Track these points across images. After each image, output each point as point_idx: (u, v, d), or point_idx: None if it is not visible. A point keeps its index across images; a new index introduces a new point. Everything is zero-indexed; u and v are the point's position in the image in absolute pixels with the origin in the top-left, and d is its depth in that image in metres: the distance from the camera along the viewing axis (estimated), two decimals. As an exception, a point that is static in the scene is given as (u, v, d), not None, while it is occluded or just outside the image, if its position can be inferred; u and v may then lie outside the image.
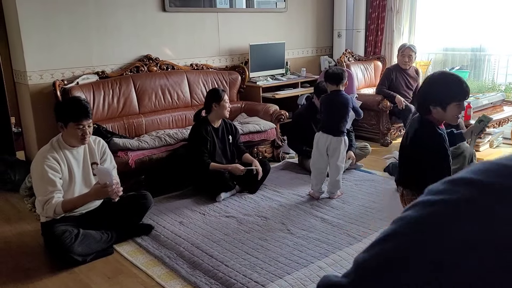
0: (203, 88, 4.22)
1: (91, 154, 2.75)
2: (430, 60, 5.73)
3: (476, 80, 5.66)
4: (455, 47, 5.95)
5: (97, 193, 2.54)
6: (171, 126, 3.95)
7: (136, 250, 2.68)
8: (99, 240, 2.63)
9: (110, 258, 2.61)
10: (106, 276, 2.42)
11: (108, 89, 3.70)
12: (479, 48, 5.67)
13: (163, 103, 3.99)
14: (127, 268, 2.50)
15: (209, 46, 4.52)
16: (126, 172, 3.19)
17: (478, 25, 5.22)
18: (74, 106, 2.61)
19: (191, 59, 4.39)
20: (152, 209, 3.04)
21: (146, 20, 4.04)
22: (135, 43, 4.00)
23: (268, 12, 4.91)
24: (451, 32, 5.55)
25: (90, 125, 2.63)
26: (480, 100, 4.38)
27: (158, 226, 2.94)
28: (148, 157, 3.41)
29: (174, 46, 4.26)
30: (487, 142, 4.57)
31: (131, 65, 3.96)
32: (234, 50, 4.70)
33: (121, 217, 2.77)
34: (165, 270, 2.44)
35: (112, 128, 3.60)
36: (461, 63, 5.77)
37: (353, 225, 2.87)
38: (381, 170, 3.93)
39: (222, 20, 4.55)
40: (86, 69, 3.77)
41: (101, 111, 3.63)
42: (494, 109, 4.44)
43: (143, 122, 3.79)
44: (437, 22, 5.49)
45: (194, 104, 4.16)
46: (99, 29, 3.79)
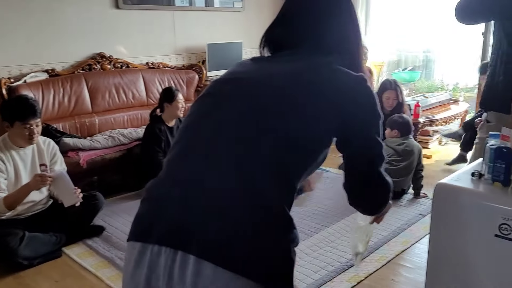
0: (159, 87, 4.17)
1: (40, 155, 2.68)
2: (383, 61, 5.92)
3: (427, 80, 5.91)
4: (407, 48, 6.18)
5: (35, 184, 2.47)
6: (126, 125, 3.88)
7: (86, 252, 2.62)
8: (47, 243, 2.56)
9: (59, 261, 2.55)
10: (54, 280, 2.36)
11: (58, 87, 3.59)
12: (429, 49, 5.92)
13: (117, 102, 3.91)
14: (75, 271, 2.45)
15: (166, 44, 4.48)
16: (78, 173, 3.10)
17: (429, 28, 5.45)
18: (21, 105, 2.53)
19: (147, 58, 4.33)
20: (104, 210, 2.99)
21: (98, 17, 3.95)
22: (87, 40, 3.90)
23: (226, 11, 4.92)
24: (404, 34, 5.76)
25: (38, 124, 2.55)
26: (429, 99, 4.57)
27: (110, 227, 2.90)
28: (101, 157, 3.34)
29: (128, 44, 4.19)
30: (436, 140, 4.78)
31: (83, 63, 3.86)
32: (191, 49, 4.68)
33: (71, 219, 2.70)
34: (116, 272, 2.40)
35: (63, 128, 3.50)
36: (414, 63, 6.01)
37: (305, 221, 2.93)
38: (335, 167, 4.02)
39: (178, 19, 4.52)
40: (34, 67, 3.64)
41: (51, 110, 3.52)
42: (442, 108, 4.64)
43: (96, 121, 3.71)
44: (391, 23, 5.68)
45: (150, 103, 4.10)
46: (49, 26, 3.67)
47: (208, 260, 0.77)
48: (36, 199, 2.65)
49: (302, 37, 0.99)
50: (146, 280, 0.83)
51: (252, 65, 1.00)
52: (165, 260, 0.81)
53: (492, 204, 1.25)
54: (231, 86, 0.96)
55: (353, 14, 1.02)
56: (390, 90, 3.67)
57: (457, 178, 1.39)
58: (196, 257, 0.77)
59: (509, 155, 1.28)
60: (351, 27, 1.01)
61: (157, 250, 0.82)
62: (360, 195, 0.99)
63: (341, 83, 0.91)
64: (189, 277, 0.78)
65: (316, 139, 0.91)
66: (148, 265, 0.83)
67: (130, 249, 0.88)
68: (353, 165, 0.97)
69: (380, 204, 1.02)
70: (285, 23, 1.02)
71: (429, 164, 4.12)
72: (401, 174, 3.29)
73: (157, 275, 0.82)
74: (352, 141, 0.93)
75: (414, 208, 3.18)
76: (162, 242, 0.81)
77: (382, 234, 2.77)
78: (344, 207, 3.17)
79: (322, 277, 2.30)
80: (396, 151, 3.34)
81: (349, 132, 0.92)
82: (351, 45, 1.01)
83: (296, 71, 0.92)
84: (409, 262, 2.49)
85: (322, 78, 0.91)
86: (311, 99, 0.89)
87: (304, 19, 0.99)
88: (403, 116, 3.48)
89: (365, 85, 0.93)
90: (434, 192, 1.38)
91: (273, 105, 0.88)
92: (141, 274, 0.84)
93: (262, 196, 0.83)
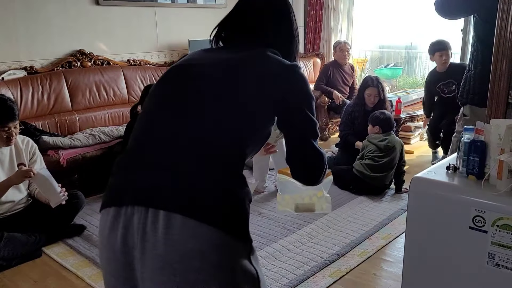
0: (140, 85, 4.13)
1: (18, 155, 2.64)
2: (366, 57, 5.97)
3: (409, 76, 5.97)
4: (390, 45, 6.24)
5: (18, 177, 2.47)
6: (107, 123, 3.83)
7: (66, 252, 2.59)
8: (26, 243, 2.52)
9: (38, 261, 2.51)
10: (33, 280, 2.33)
11: (37, 85, 3.53)
12: (411, 46, 5.99)
13: (98, 99, 3.86)
14: (55, 271, 2.41)
15: (147, 41, 4.43)
16: (58, 172, 3.05)
17: (410, 24, 5.51)
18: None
19: (128, 55, 4.28)
20: (85, 209, 2.96)
21: (78, 14, 3.88)
22: (67, 37, 3.84)
23: (208, 8, 4.89)
24: (386, 31, 5.81)
25: (16, 126, 2.54)
26: (410, 95, 4.62)
27: (91, 226, 2.86)
28: (81, 156, 3.29)
29: (109, 41, 4.14)
30: (417, 135, 4.84)
31: (63, 60, 3.80)
32: (173, 45, 4.64)
33: (51, 218, 2.67)
34: (96, 271, 2.38)
35: (43, 126, 3.45)
36: (396, 60, 6.07)
37: (288, 218, 2.94)
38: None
39: (160, 15, 4.47)
40: (12, 64, 3.57)
41: (30, 108, 3.46)
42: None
43: (76, 119, 3.66)
44: (374, 20, 5.73)
45: (132, 101, 4.06)
46: (27, 22, 3.60)
47: (176, 213, 0.89)
48: (16, 199, 2.61)
49: (250, 33, 1.17)
50: (122, 238, 0.94)
51: (204, 54, 1.15)
52: (138, 218, 0.92)
53: (466, 197, 1.27)
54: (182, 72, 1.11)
55: (294, 21, 1.21)
56: (372, 87, 3.69)
57: (432, 171, 1.41)
58: (165, 211, 0.89)
59: (483, 149, 1.30)
60: (290, 30, 1.20)
61: (130, 211, 0.93)
62: (300, 167, 1.14)
63: (277, 68, 1.07)
64: (160, 229, 0.89)
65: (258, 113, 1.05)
66: (123, 225, 0.93)
67: (104, 216, 0.99)
68: (291, 140, 1.11)
69: (318, 174, 1.15)
70: (236, 21, 1.19)
71: (411, 159, 4.17)
72: (383, 170, 3.32)
73: (132, 233, 0.92)
74: (289, 119, 1.08)
75: (396, 203, 3.22)
76: (134, 202, 0.93)
77: (364, 229, 2.79)
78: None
79: (305, 272, 2.31)
80: (378, 147, 3.37)
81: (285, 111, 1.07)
82: (290, 44, 1.20)
83: (241, 58, 1.08)
84: (390, 256, 2.51)
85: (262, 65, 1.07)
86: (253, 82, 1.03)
87: (253, 19, 1.17)
88: (385, 112, 3.51)
89: (298, 71, 1.09)
90: (410, 186, 1.39)
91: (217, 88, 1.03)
92: (117, 234, 0.94)
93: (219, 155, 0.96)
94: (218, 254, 0.91)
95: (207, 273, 0.90)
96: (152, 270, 0.91)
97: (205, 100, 1.01)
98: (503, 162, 1.21)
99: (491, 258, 1.23)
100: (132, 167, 0.99)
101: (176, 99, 1.04)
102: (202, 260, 0.89)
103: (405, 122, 4.39)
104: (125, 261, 0.95)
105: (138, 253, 0.92)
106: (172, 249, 0.89)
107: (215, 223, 0.90)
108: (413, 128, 4.79)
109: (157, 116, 1.04)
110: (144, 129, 1.05)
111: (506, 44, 1.56)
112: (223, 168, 0.96)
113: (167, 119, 1.02)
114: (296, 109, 1.07)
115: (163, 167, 0.95)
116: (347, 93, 4.94)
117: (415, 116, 4.37)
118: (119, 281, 0.98)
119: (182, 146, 0.97)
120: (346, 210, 3.09)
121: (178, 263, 0.89)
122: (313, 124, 1.10)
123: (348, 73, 4.97)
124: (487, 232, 1.23)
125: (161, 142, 0.99)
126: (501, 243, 1.21)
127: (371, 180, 3.33)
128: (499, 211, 1.20)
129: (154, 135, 1.01)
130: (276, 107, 1.06)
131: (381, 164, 3.32)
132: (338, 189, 3.43)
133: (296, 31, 1.22)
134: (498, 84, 1.62)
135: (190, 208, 0.90)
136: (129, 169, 1.00)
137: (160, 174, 0.94)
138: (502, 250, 1.21)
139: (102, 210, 1.01)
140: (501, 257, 1.22)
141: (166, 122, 1.01)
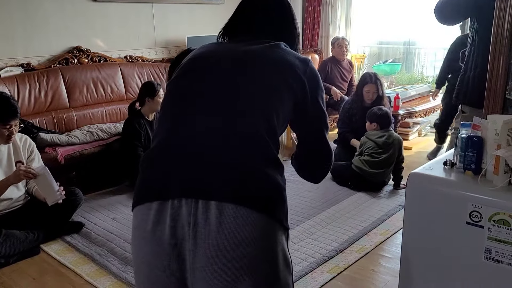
0: (138, 81, 4.12)
1: (16, 153, 2.64)
2: (365, 53, 5.96)
3: (407, 72, 5.96)
4: (389, 41, 6.22)
5: (17, 177, 2.46)
6: (104, 120, 3.83)
7: (65, 249, 2.59)
8: (24, 240, 2.52)
9: (36, 258, 2.51)
10: (31, 277, 2.33)
11: (34, 82, 3.52)
12: (410, 42, 5.97)
13: (95, 96, 3.85)
14: (54, 268, 2.41)
15: (145, 38, 4.42)
16: (55, 169, 3.03)
17: (409, 20, 5.49)
18: (2, 106, 2.47)
19: (126, 51, 4.27)
20: (83, 206, 2.96)
21: (75, 10, 3.87)
22: (63, 34, 3.82)
23: (205, 4, 4.88)
24: (385, 26, 5.79)
25: (17, 124, 2.54)
26: (409, 91, 4.62)
27: (89, 223, 2.86)
28: (79, 153, 3.29)
29: (106, 38, 4.12)
30: (416, 131, 4.85)
31: (60, 57, 3.78)
32: (171, 42, 4.63)
33: (49, 216, 2.66)
34: (95, 268, 2.38)
35: (40, 123, 3.44)
36: (394, 56, 6.05)
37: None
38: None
39: (157, 11, 4.46)
40: (9, 61, 3.56)
41: (27, 105, 3.45)
42: (422, 100, 4.69)
43: (73, 116, 3.65)
44: (372, 16, 5.71)
45: (129, 98, 4.05)
46: (24, 19, 3.58)
47: (228, 202, 0.92)
48: (14, 196, 2.61)
49: (256, 29, 1.21)
50: (171, 230, 0.94)
51: (217, 46, 1.18)
52: (187, 210, 0.93)
53: (463, 192, 1.27)
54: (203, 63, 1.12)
55: (295, 19, 1.26)
56: (371, 84, 3.68)
57: (430, 167, 1.41)
58: (217, 202, 0.92)
59: (479, 144, 1.30)
60: (293, 26, 1.25)
61: (177, 203, 0.94)
62: (313, 157, 1.20)
63: (294, 60, 1.10)
64: (213, 219, 0.92)
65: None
66: (171, 218, 0.94)
67: (143, 211, 0.98)
68: (305, 132, 1.18)
69: (328, 167, 1.22)
70: (243, 17, 1.24)
71: (409, 155, 4.18)
72: (382, 166, 3.33)
73: (181, 224, 0.94)
74: (305, 108, 1.12)
75: (394, 199, 3.22)
76: (182, 195, 0.94)
77: (362, 225, 2.80)
78: (325, 199, 3.20)
79: (303, 268, 2.32)
80: (376, 144, 3.37)
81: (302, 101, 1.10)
82: (294, 39, 1.25)
83: (257, 49, 1.11)
84: (388, 252, 2.52)
85: (279, 54, 1.10)
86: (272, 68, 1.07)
87: (258, 17, 1.23)
88: (382, 109, 3.50)
89: (311, 65, 1.13)
90: (407, 181, 1.40)
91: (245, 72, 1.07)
92: (165, 227, 0.95)
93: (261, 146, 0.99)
94: (268, 240, 0.95)
95: (259, 259, 0.94)
96: (206, 259, 0.93)
97: (236, 89, 1.04)
98: (499, 158, 1.21)
99: (488, 253, 1.24)
100: (172, 160, 0.99)
101: (207, 90, 1.05)
102: (256, 247, 0.93)
103: (403, 118, 4.39)
104: (175, 253, 0.96)
105: (189, 244, 0.94)
106: (226, 238, 0.92)
107: (264, 210, 0.94)
108: (412, 124, 4.79)
109: (188, 110, 1.05)
110: (178, 123, 1.05)
111: (503, 41, 1.56)
112: (262, 153, 0.99)
113: (201, 111, 1.03)
114: (312, 98, 1.11)
115: (207, 158, 0.97)
116: (345, 89, 4.93)
117: (413, 112, 4.37)
118: (166, 273, 0.98)
119: (223, 136, 0.98)
120: (344, 206, 3.09)
121: (232, 251, 0.92)
122: (326, 116, 1.18)
123: (347, 69, 4.97)
124: (483, 227, 1.23)
125: (200, 135, 1.00)
126: (497, 238, 1.21)
127: (369, 176, 3.33)
128: (496, 206, 1.20)
129: (193, 129, 1.02)
130: (294, 96, 1.09)
131: (379, 161, 3.32)
132: (336, 185, 3.43)
133: (297, 28, 1.28)
134: (496, 80, 1.62)
135: (241, 197, 0.93)
136: (169, 163, 1.00)
137: (205, 165, 0.96)
138: (499, 245, 1.21)
139: (139, 205, 1.00)
140: (497, 252, 1.22)
141: (201, 115, 1.02)
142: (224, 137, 0.98)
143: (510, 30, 1.56)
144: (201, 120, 1.01)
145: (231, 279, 0.93)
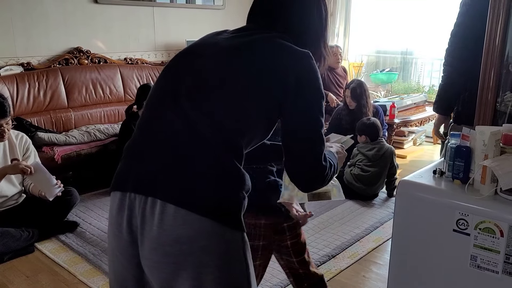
0: (137, 83, 4.15)
1: (12, 150, 2.65)
2: (362, 61, 6.01)
3: (404, 81, 6.01)
4: (386, 50, 6.28)
5: (14, 167, 2.48)
6: (102, 121, 3.85)
7: (59, 248, 2.60)
8: (18, 238, 2.53)
9: (30, 256, 2.53)
10: (25, 275, 2.34)
11: (33, 81, 3.54)
12: (407, 52, 6.03)
13: (94, 97, 3.88)
14: (48, 267, 2.43)
15: (145, 40, 4.46)
16: (52, 168, 3.05)
17: (407, 30, 5.54)
18: None
19: (125, 53, 4.30)
20: (78, 206, 2.98)
21: (76, 12, 3.90)
22: (64, 34, 3.85)
23: (206, 8, 4.92)
24: (383, 36, 5.85)
25: (8, 122, 2.55)
26: (404, 101, 4.65)
27: (84, 223, 2.88)
28: (76, 153, 3.31)
29: (107, 39, 4.16)
30: (411, 140, 4.89)
31: (60, 57, 3.81)
32: (171, 45, 4.66)
33: (44, 214, 2.68)
34: (89, 267, 2.40)
35: (38, 122, 3.46)
36: (392, 65, 6.10)
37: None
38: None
39: (158, 15, 4.50)
40: (9, 60, 3.58)
41: (26, 104, 3.48)
42: (417, 109, 4.73)
43: (72, 116, 3.67)
44: (370, 25, 5.76)
45: (128, 99, 4.08)
46: (25, 19, 3.61)
47: (170, 203, 0.98)
48: (9, 194, 2.62)
49: (270, 17, 1.16)
50: (127, 218, 1.04)
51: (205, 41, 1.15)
52: (139, 203, 1.01)
53: (450, 200, 1.30)
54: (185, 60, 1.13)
55: (321, 8, 1.18)
56: (348, 89, 3.84)
57: (419, 175, 1.44)
58: (161, 201, 0.98)
59: (468, 154, 1.33)
60: (316, 17, 1.17)
61: (133, 197, 1.02)
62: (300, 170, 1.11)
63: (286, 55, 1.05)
64: (157, 215, 0.98)
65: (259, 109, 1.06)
66: (128, 207, 1.04)
67: (113, 197, 1.09)
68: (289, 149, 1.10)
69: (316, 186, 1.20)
70: (261, 4, 1.21)
71: (404, 164, 4.22)
72: (373, 181, 3.31)
73: (135, 215, 1.02)
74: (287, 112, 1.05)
75: (387, 207, 3.26)
76: (136, 190, 1.02)
77: (355, 232, 2.82)
78: (318, 205, 3.22)
79: (294, 273, 2.33)
80: (366, 157, 3.36)
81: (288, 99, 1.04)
82: (313, 32, 1.18)
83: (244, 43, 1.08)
84: (380, 259, 2.55)
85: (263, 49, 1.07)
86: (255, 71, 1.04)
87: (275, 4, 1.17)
88: (370, 119, 3.48)
89: (310, 60, 1.06)
90: (397, 189, 1.43)
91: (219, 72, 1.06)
92: (124, 215, 1.04)
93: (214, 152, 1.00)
94: (207, 240, 0.98)
95: (196, 257, 0.98)
96: (149, 250, 1.01)
97: (208, 90, 1.04)
98: (486, 168, 1.25)
99: (473, 260, 1.27)
100: (135, 156, 1.07)
101: (173, 88, 1.08)
102: (191, 245, 0.98)
103: (399, 127, 4.42)
104: (130, 240, 1.04)
105: (139, 234, 1.02)
106: (165, 234, 0.98)
107: (203, 213, 0.98)
108: (407, 133, 4.83)
109: (158, 106, 1.09)
110: (151, 118, 1.10)
111: (494, 53, 1.60)
112: (218, 156, 1.00)
113: (172, 110, 1.04)
114: (298, 99, 1.03)
115: (162, 157, 1.01)
116: (341, 96, 4.97)
117: (409, 121, 4.41)
118: (124, 257, 1.07)
119: (182, 137, 1.01)
120: (337, 212, 3.12)
121: (169, 246, 0.98)
122: (318, 125, 1.06)
123: (341, 75, 5.02)
124: (469, 234, 1.26)
125: (163, 134, 1.04)
126: (483, 245, 1.24)
127: (360, 191, 3.33)
128: (482, 214, 1.23)
129: (153, 128, 1.06)
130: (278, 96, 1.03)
131: (369, 175, 3.30)
132: (330, 191, 3.45)
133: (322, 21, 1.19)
134: (486, 92, 1.66)
135: (182, 199, 0.98)
136: (133, 158, 1.07)
137: (158, 164, 1.01)
138: (484, 252, 1.24)
139: (111, 192, 1.09)
140: (482, 259, 1.25)
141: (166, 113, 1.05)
142: (182, 139, 1.01)
143: (501, 44, 1.60)
144: (169, 119, 1.04)
145: (170, 271, 0.99)
